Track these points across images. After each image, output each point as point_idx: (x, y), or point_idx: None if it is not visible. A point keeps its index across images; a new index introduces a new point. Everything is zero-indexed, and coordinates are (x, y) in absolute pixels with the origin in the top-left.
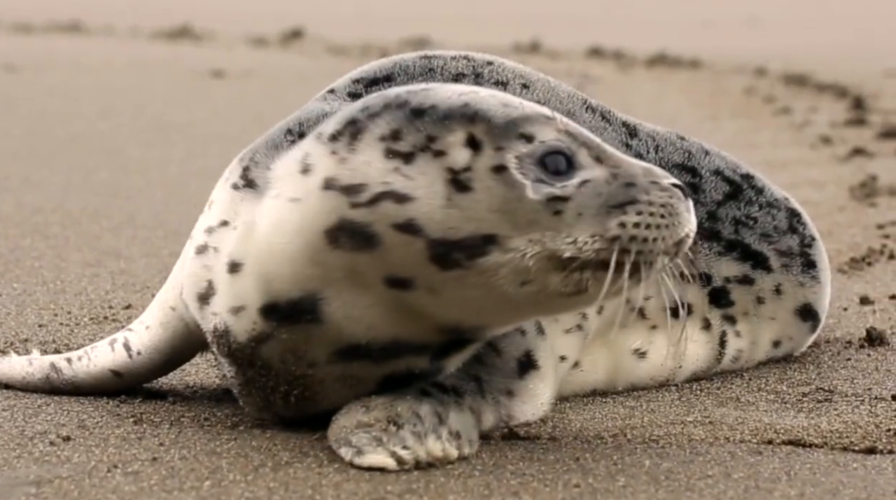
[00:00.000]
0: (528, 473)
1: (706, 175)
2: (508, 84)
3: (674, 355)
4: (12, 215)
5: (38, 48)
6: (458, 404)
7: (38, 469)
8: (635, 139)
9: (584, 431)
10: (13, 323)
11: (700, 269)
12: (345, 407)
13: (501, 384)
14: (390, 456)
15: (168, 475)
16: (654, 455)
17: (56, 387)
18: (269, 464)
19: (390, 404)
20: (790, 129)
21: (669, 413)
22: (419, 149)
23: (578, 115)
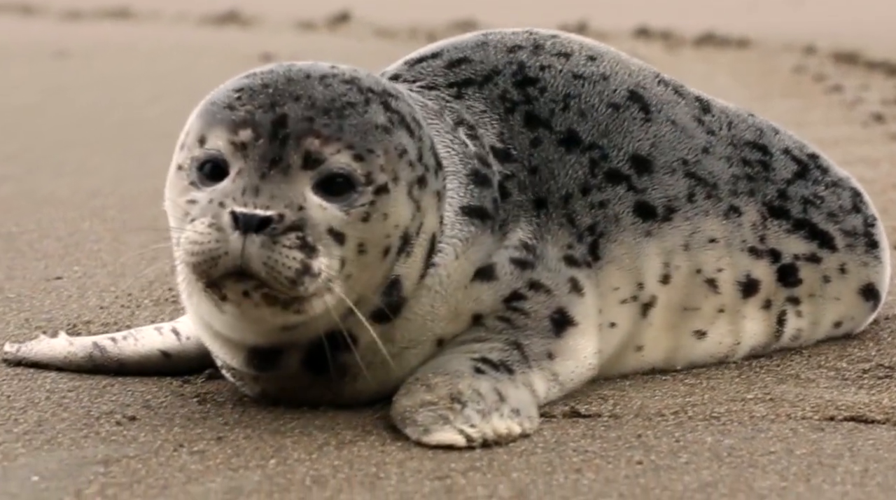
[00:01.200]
0: (590, 450)
1: (776, 153)
2: (573, 55)
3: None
4: (70, 199)
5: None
6: (513, 380)
7: (106, 449)
8: (708, 115)
9: (645, 408)
10: (75, 305)
11: (770, 245)
12: (403, 387)
13: (541, 347)
14: (458, 434)
15: (233, 454)
16: (716, 432)
17: (99, 365)
18: (332, 443)
19: (451, 383)
20: (841, 107)
21: (729, 390)
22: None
23: (650, 88)
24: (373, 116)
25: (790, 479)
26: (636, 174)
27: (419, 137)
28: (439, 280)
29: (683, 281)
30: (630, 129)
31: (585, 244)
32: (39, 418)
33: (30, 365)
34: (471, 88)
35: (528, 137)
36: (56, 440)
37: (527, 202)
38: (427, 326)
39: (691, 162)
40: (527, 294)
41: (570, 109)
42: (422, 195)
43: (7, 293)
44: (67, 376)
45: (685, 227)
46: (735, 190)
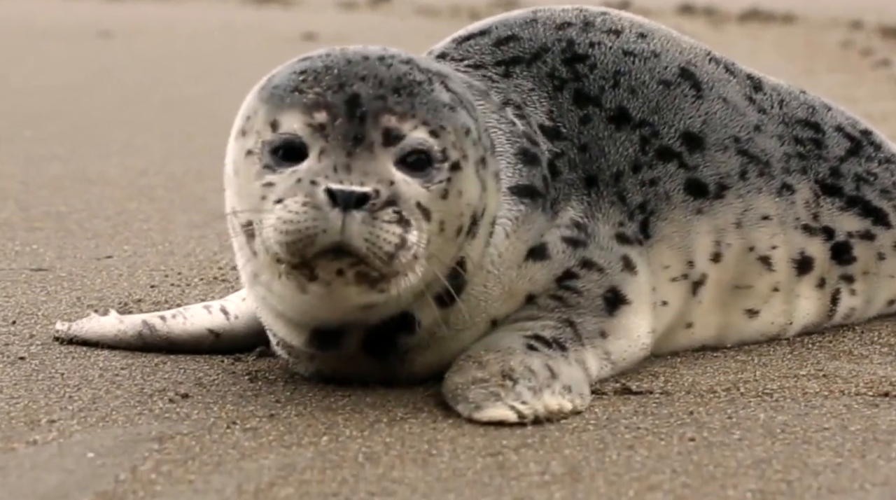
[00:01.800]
0: (642, 427)
1: (829, 131)
2: (623, 32)
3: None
4: (118, 179)
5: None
6: (565, 357)
7: (160, 426)
8: (759, 93)
9: (697, 385)
10: (126, 284)
11: (824, 223)
12: (455, 364)
13: (594, 326)
14: (510, 410)
15: (286, 431)
16: (769, 409)
17: (149, 343)
18: (384, 420)
19: (503, 360)
20: (889, 82)
21: (782, 367)
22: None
23: (701, 66)
24: (438, 94)
25: (845, 455)
26: (687, 151)
27: (475, 118)
28: (491, 260)
29: (735, 259)
30: (681, 106)
31: (636, 222)
32: (94, 395)
33: (81, 343)
34: (518, 66)
35: (577, 115)
36: (111, 417)
37: (577, 180)
38: (481, 306)
39: (743, 139)
40: (579, 273)
41: (620, 86)
42: (485, 175)
43: (58, 272)
44: (120, 354)
45: (737, 204)
46: (787, 168)
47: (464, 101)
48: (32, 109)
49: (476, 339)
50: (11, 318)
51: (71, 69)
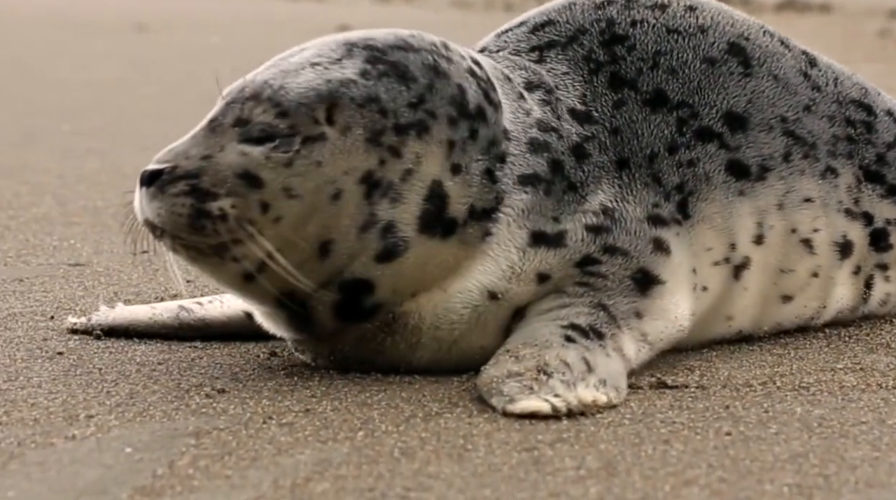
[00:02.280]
0: (677, 421)
1: (880, 115)
2: (670, 6)
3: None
4: None
5: (166, 7)
6: (603, 347)
7: (197, 421)
8: (815, 69)
9: (733, 379)
10: (162, 279)
11: (864, 208)
12: (493, 358)
13: (627, 306)
14: (543, 402)
15: (322, 426)
16: (806, 403)
17: (185, 324)
18: (419, 414)
19: (538, 354)
20: None
21: (818, 360)
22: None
23: (754, 39)
24: (333, 73)
25: (882, 449)
26: (729, 132)
27: (417, 86)
28: (490, 245)
29: (779, 241)
30: (726, 84)
31: (673, 203)
32: (131, 390)
33: (108, 332)
34: (553, 51)
35: (611, 99)
36: (148, 413)
37: (608, 163)
38: (477, 279)
39: (791, 120)
40: (601, 258)
41: (659, 67)
42: (405, 142)
43: (95, 267)
44: (157, 348)
45: (779, 186)
46: (834, 151)
47: (394, 71)
48: (70, 103)
49: (478, 317)
50: (49, 313)
51: (108, 63)
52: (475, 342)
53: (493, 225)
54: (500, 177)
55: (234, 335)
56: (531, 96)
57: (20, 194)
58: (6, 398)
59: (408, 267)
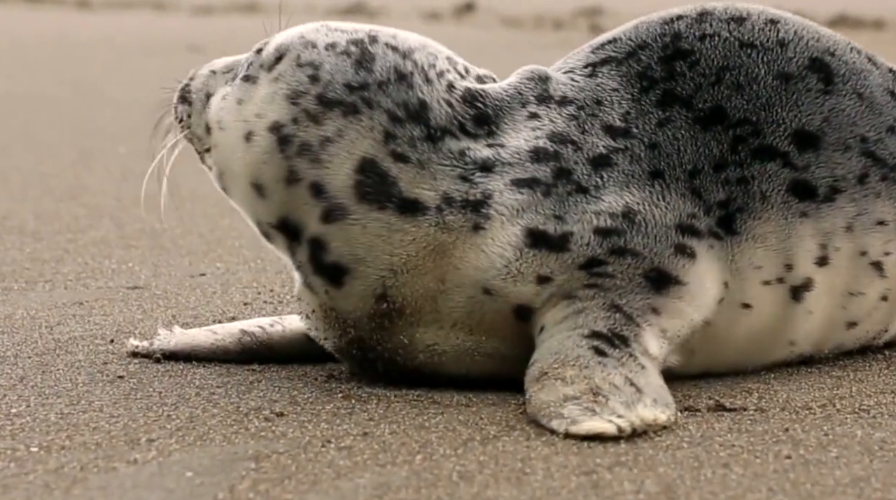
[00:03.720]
0: (737, 444)
1: None
2: (747, 19)
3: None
4: (210, 195)
5: (219, 29)
6: (634, 357)
7: (256, 444)
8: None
9: (792, 401)
10: (219, 302)
11: None
12: (536, 382)
13: (640, 303)
14: (608, 423)
15: (380, 450)
16: (866, 425)
17: (248, 348)
18: (477, 438)
19: (586, 377)
20: None
21: (878, 383)
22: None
23: (840, 55)
24: (313, 37)
25: None
26: (797, 151)
27: (367, 77)
28: (484, 241)
29: (846, 263)
30: (800, 101)
31: (714, 217)
32: (191, 414)
33: (169, 357)
34: (606, 67)
35: (656, 117)
36: (208, 436)
37: (640, 172)
38: (472, 275)
39: (872, 140)
40: (607, 259)
41: (722, 83)
42: (326, 114)
43: (154, 290)
44: (216, 371)
45: (849, 208)
46: None
47: (338, 50)
48: (127, 124)
49: (467, 304)
50: (109, 336)
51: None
52: (476, 337)
53: (483, 220)
54: (480, 179)
55: (296, 358)
56: (558, 111)
57: (78, 217)
58: (69, 422)
59: (360, 233)
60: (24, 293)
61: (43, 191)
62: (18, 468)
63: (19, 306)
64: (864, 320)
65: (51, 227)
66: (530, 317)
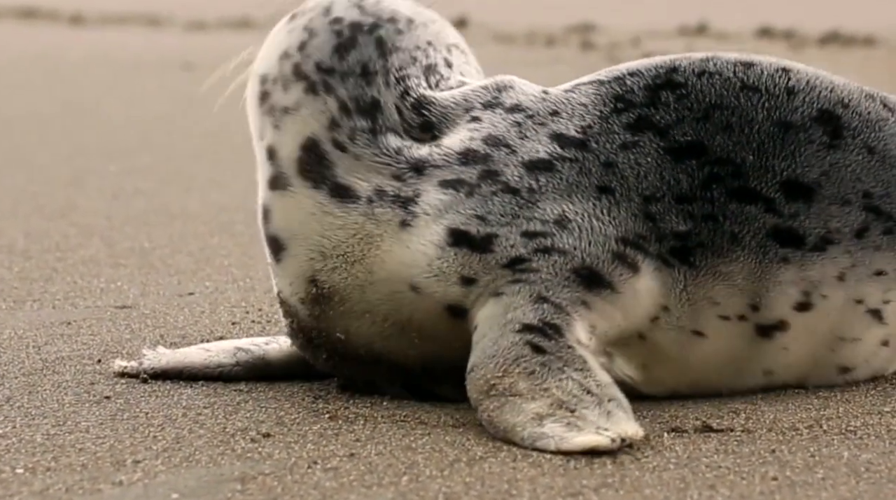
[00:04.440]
0: (723, 466)
1: None
2: (756, 65)
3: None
4: (201, 214)
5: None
6: (570, 347)
7: (242, 466)
8: None
9: (778, 422)
10: (208, 321)
11: None
12: (487, 397)
13: (568, 295)
14: (597, 434)
15: (366, 471)
16: (853, 447)
17: (243, 363)
18: (463, 459)
19: (543, 389)
20: None
21: (865, 403)
22: None
23: (853, 107)
24: (338, 12)
25: None
26: (784, 199)
27: (337, 63)
28: (409, 238)
29: (834, 310)
30: (798, 152)
31: (667, 245)
32: (177, 434)
33: (160, 376)
34: (588, 86)
35: (621, 139)
36: (194, 457)
37: (586, 184)
38: (397, 270)
39: (877, 195)
40: (531, 257)
41: (709, 120)
42: (294, 83)
43: (142, 309)
44: (203, 392)
45: (843, 260)
46: None
47: (332, 29)
48: (119, 143)
49: (397, 302)
50: (97, 356)
51: (155, 101)
52: (408, 337)
53: (411, 218)
54: (411, 177)
55: (293, 375)
56: (503, 116)
57: (68, 236)
58: (54, 444)
59: (296, 207)
60: (11, 312)
61: (33, 209)
62: (3, 490)
63: (7, 326)
64: (860, 366)
65: (40, 245)
66: (465, 316)
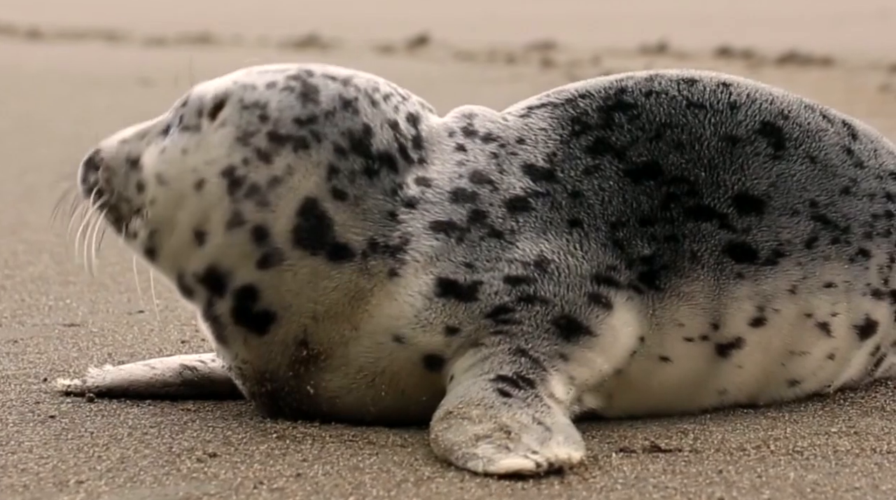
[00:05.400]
0: (670, 486)
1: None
2: (699, 82)
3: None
4: None
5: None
6: (539, 398)
7: (187, 486)
8: (856, 142)
9: (726, 443)
10: (157, 340)
11: (893, 286)
12: (442, 421)
13: (547, 349)
14: (525, 459)
15: (312, 491)
16: (799, 467)
17: (189, 382)
18: (411, 479)
19: (493, 416)
20: None
21: (813, 424)
22: None
23: (793, 118)
24: (249, 79)
25: None
26: (737, 214)
27: (314, 109)
28: (397, 289)
29: (787, 324)
30: (746, 165)
31: (636, 271)
32: (122, 454)
33: (105, 394)
34: (542, 110)
35: (583, 164)
36: (138, 478)
37: (558, 220)
38: (384, 322)
39: (822, 204)
40: (515, 307)
41: (661, 139)
42: (278, 151)
43: (91, 327)
44: (149, 411)
45: (795, 272)
46: (871, 232)
47: (286, 89)
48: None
49: (376, 354)
50: (43, 375)
51: (111, 118)
52: (376, 391)
53: (399, 266)
54: (406, 219)
55: (238, 393)
56: (482, 146)
57: (17, 253)
58: None
59: (291, 280)
60: None
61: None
62: None
63: None
64: (807, 378)
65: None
66: (441, 367)
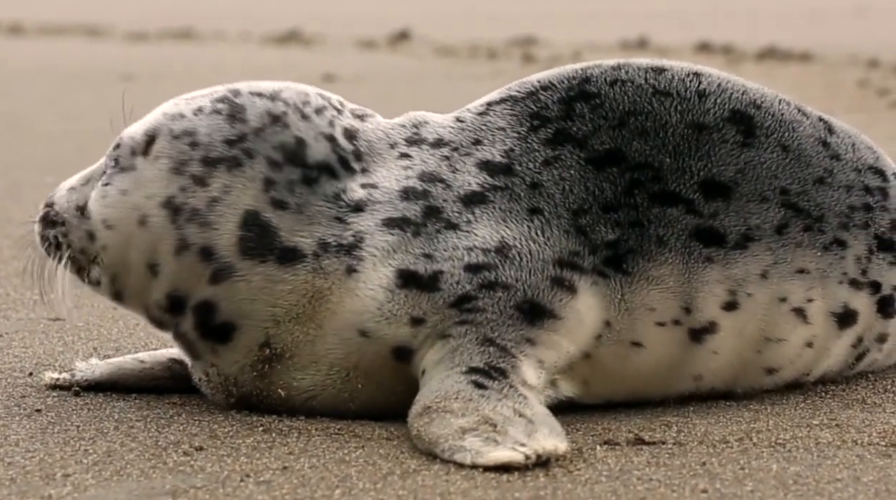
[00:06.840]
0: (654, 478)
1: (891, 179)
2: (667, 71)
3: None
4: None
5: (153, 56)
6: (514, 387)
7: (174, 479)
8: (833, 136)
9: (710, 435)
10: (142, 334)
11: (872, 277)
12: (421, 417)
13: (514, 334)
14: (513, 451)
15: (299, 484)
16: (782, 459)
17: (178, 375)
18: (397, 472)
19: (476, 409)
20: None
21: (795, 416)
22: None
23: (767, 107)
24: (177, 109)
25: None
26: (703, 199)
27: (243, 127)
28: (357, 285)
29: (761, 309)
30: (713, 152)
31: (600, 256)
32: (109, 448)
33: (93, 388)
34: (501, 106)
35: (542, 156)
36: (125, 471)
37: (518, 209)
38: (348, 318)
39: (794, 192)
40: (477, 295)
41: (625, 127)
42: (212, 173)
43: (76, 322)
44: (135, 405)
45: (765, 257)
46: (847, 223)
47: (215, 112)
48: (55, 154)
49: (344, 349)
50: (28, 369)
51: (93, 113)
52: (353, 385)
53: (357, 263)
54: (354, 221)
55: None
56: (431, 152)
57: (2, 248)
58: None
59: (245, 289)
60: None
61: None
62: None
63: None
64: (785, 366)
65: None
66: (410, 358)
